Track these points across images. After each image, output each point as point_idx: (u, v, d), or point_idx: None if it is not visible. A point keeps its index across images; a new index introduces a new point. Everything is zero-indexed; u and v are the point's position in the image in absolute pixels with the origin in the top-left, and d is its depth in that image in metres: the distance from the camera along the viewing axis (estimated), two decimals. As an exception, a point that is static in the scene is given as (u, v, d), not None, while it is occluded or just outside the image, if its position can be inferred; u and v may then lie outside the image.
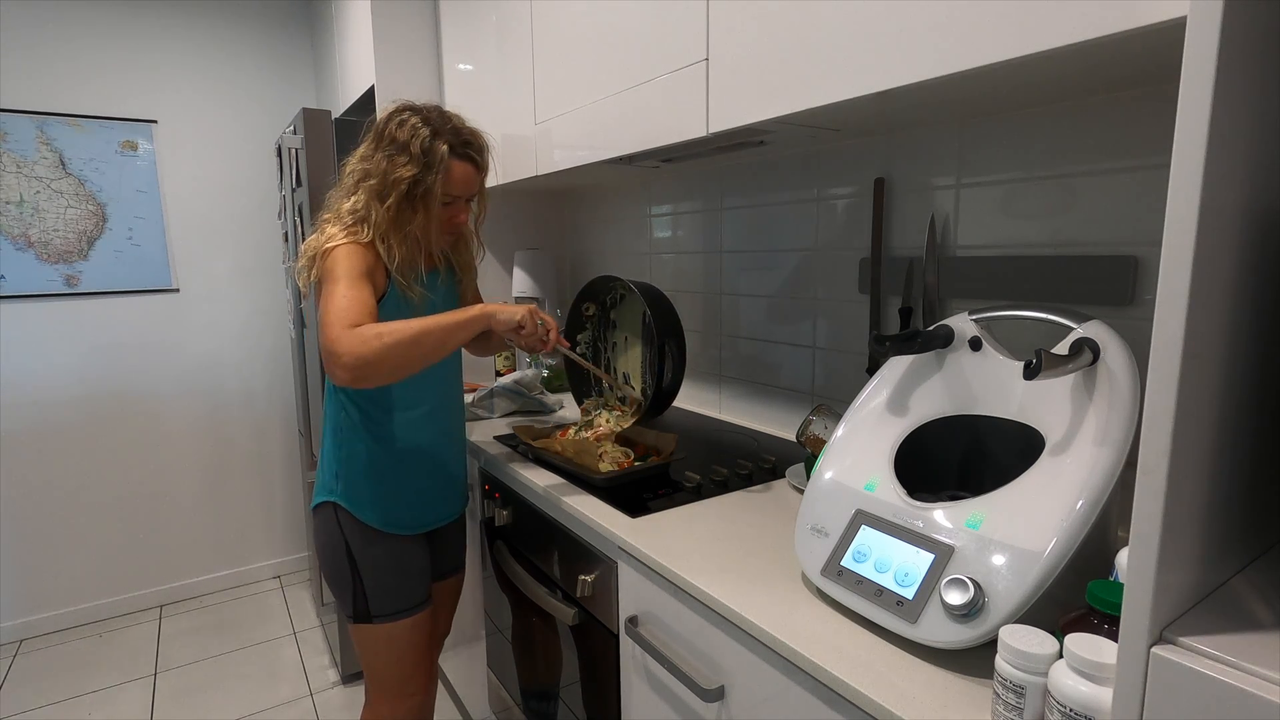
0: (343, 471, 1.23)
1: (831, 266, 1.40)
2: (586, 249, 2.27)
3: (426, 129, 1.15)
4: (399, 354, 1.04)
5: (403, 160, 1.14)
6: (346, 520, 1.22)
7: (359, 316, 1.07)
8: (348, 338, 1.03)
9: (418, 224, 1.17)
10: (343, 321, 1.06)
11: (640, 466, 1.26)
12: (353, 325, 1.06)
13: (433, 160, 1.14)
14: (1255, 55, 0.41)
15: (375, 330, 1.04)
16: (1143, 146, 0.91)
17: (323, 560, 1.27)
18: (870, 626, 0.75)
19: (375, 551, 1.23)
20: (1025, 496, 0.70)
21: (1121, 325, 0.84)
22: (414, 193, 1.14)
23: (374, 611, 1.24)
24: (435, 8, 2.04)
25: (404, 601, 1.26)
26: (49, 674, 2.25)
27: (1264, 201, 0.45)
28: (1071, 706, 0.51)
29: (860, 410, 0.91)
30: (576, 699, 1.24)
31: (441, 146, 1.14)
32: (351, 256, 1.13)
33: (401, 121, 1.16)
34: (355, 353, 1.02)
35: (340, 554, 1.23)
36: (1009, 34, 0.70)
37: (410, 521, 1.27)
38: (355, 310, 1.08)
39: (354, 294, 1.09)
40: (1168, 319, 0.40)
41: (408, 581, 1.27)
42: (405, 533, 1.26)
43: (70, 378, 2.43)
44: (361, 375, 1.03)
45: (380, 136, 1.17)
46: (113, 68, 2.39)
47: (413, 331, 1.06)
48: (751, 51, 1.01)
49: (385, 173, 1.14)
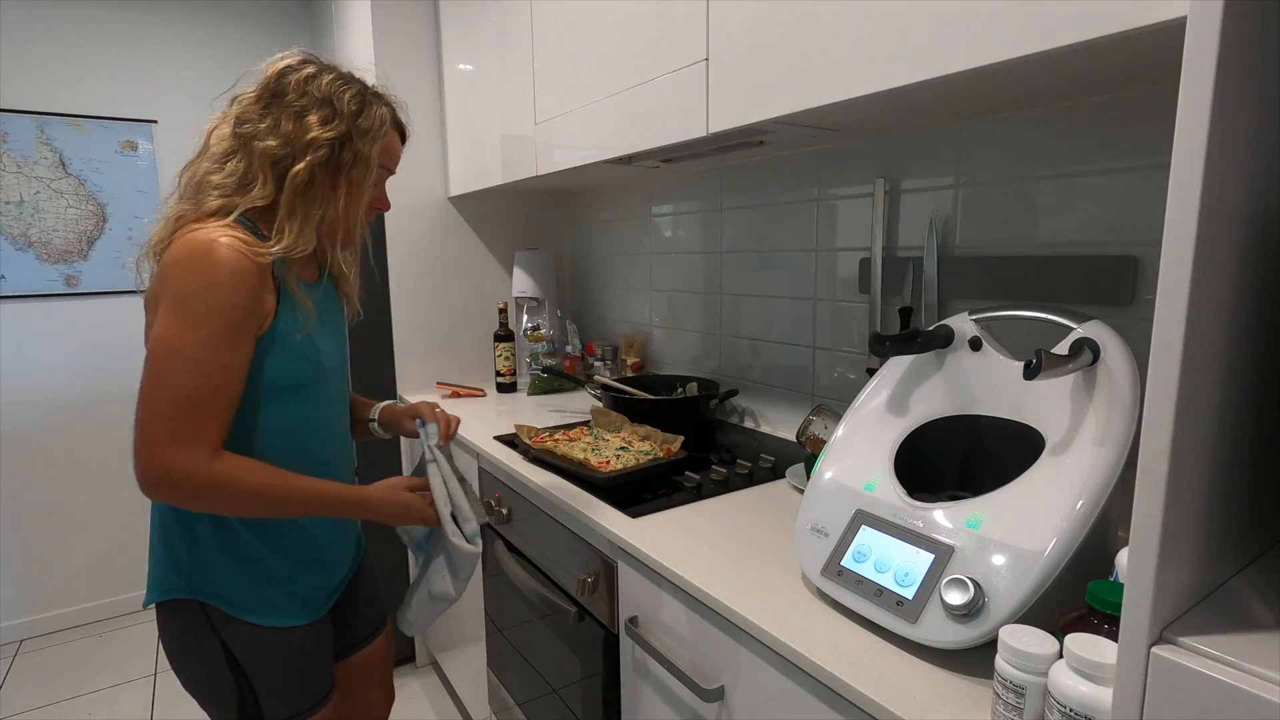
0: (197, 557, 0.91)
1: (831, 266, 1.40)
2: (586, 249, 2.27)
3: (352, 87, 0.93)
4: (246, 508, 0.87)
5: (321, 117, 0.88)
6: (216, 613, 0.92)
7: (218, 429, 0.82)
8: (201, 471, 0.80)
9: (338, 204, 0.91)
10: (200, 430, 0.80)
11: (648, 464, 1.26)
12: (213, 448, 0.81)
13: (370, 124, 0.92)
14: (1255, 55, 0.41)
15: (241, 484, 0.83)
16: (1143, 146, 0.91)
17: (183, 667, 0.95)
18: (870, 626, 0.75)
19: (265, 651, 0.94)
20: (1025, 496, 0.70)
21: (1121, 325, 0.84)
22: (339, 160, 0.90)
23: (270, 718, 0.96)
24: (435, 8, 2.04)
25: (307, 698, 0.99)
26: (49, 674, 2.25)
27: (1264, 201, 0.45)
28: (1071, 706, 0.51)
29: (860, 410, 0.91)
30: (576, 699, 1.24)
31: (381, 111, 0.94)
32: (237, 273, 0.81)
33: (310, 77, 0.90)
34: (197, 495, 0.82)
35: (213, 655, 0.92)
36: (1009, 34, 0.70)
37: (308, 602, 0.99)
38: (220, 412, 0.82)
39: (218, 375, 0.81)
40: (1168, 319, 0.40)
41: (310, 673, 1.00)
42: (301, 621, 0.98)
43: (70, 378, 2.43)
44: (175, 504, 0.85)
45: (275, 95, 0.90)
46: (113, 68, 2.39)
47: (283, 500, 0.87)
48: (751, 51, 1.01)
49: (290, 135, 0.87)
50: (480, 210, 2.19)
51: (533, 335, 2.09)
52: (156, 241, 0.88)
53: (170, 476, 0.81)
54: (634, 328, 2.07)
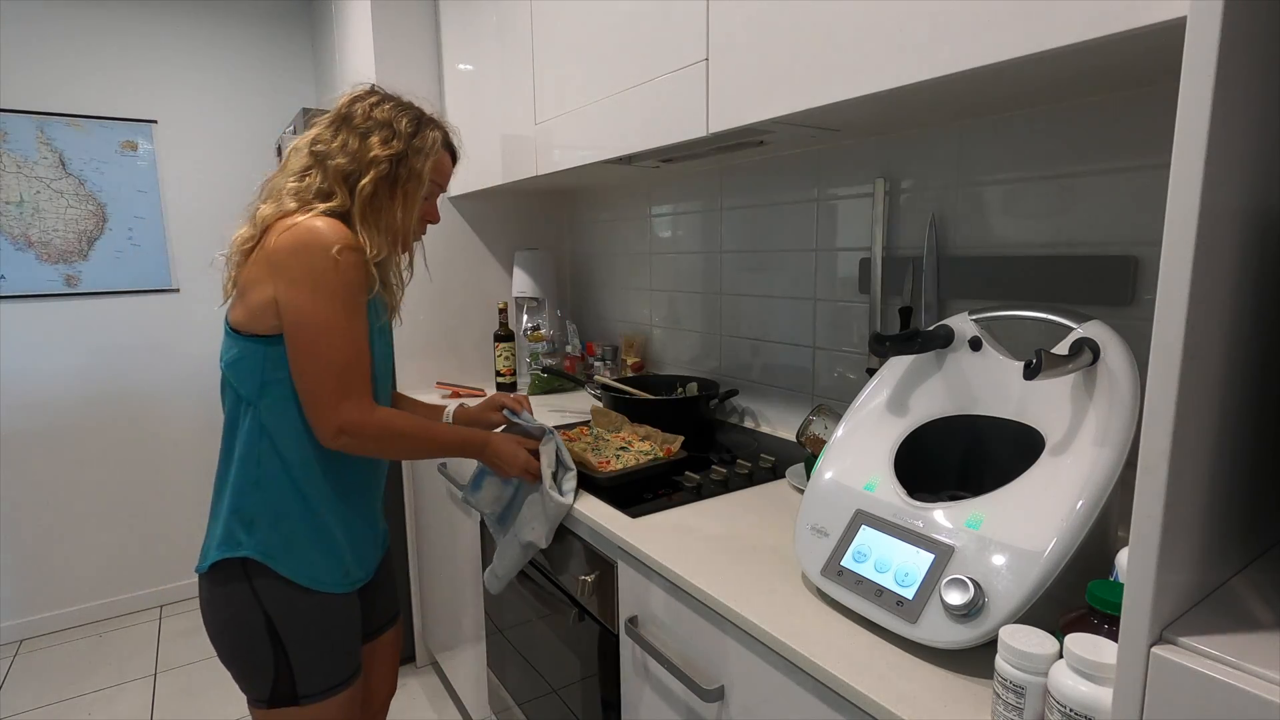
0: (260, 518, 1.00)
1: (831, 266, 1.40)
2: (586, 249, 2.27)
3: (409, 113, 1.06)
4: (400, 452, 1.06)
5: (383, 137, 1.01)
6: (263, 581, 0.99)
7: (368, 384, 0.99)
8: (370, 420, 0.98)
9: (395, 215, 1.03)
10: (357, 388, 0.97)
11: (648, 464, 1.26)
12: (369, 399, 0.98)
13: (423, 144, 1.05)
14: (1255, 55, 0.41)
15: (401, 428, 1.02)
16: (1143, 146, 0.91)
17: (224, 638, 1.03)
18: (870, 626, 0.75)
19: (304, 617, 1.02)
20: (1025, 496, 0.70)
21: (1121, 325, 0.84)
22: (396, 175, 1.02)
23: (302, 691, 1.03)
24: (435, 8, 2.04)
25: (337, 674, 1.06)
26: (49, 674, 2.25)
27: (1264, 201, 0.45)
28: (1071, 706, 0.51)
29: (860, 410, 0.91)
30: (576, 699, 1.24)
31: (434, 133, 1.07)
32: (352, 251, 0.95)
33: (375, 104, 1.04)
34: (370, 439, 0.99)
35: (256, 626, 1.00)
36: (1009, 34, 0.70)
37: (349, 573, 1.08)
38: (365, 369, 0.98)
39: (358, 336, 0.97)
40: (1168, 319, 0.40)
41: (341, 648, 1.07)
42: (341, 589, 1.06)
43: (70, 378, 2.43)
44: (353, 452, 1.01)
45: (344, 119, 1.04)
46: (113, 68, 2.39)
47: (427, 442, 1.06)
48: (751, 51, 1.01)
49: (357, 153, 1.01)
50: (480, 210, 2.19)
51: (533, 335, 2.09)
52: (244, 240, 1.01)
53: (346, 428, 0.96)
54: (634, 328, 2.07)
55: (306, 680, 1.03)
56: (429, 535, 2.00)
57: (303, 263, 0.93)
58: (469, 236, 2.18)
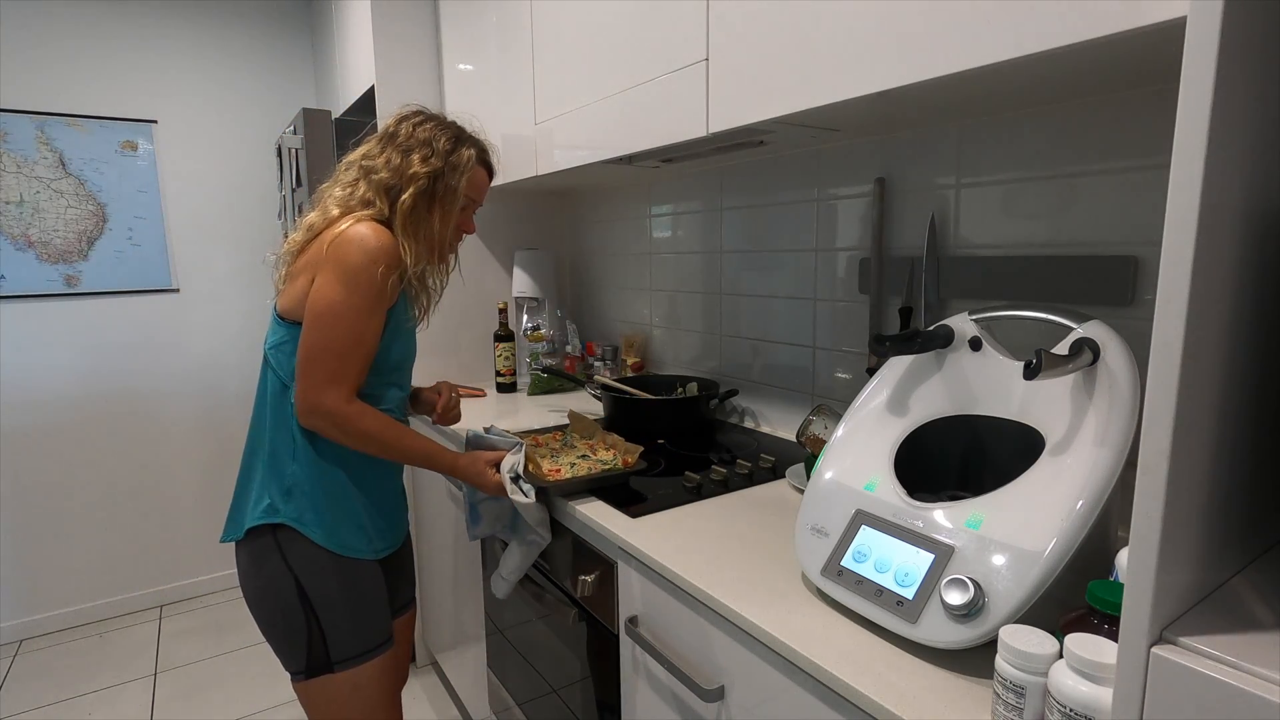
0: (296, 487, 1.07)
1: (831, 266, 1.40)
2: (586, 249, 2.27)
3: (448, 131, 1.13)
4: (366, 448, 1.07)
5: (423, 155, 1.09)
6: (294, 548, 1.06)
7: (357, 377, 1.04)
8: (344, 411, 1.02)
9: (434, 226, 1.11)
10: (345, 377, 1.02)
11: (599, 474, 1.19)
12: (351, 393, 1.03)
13: (459, 162, 1.12)
14: (1255, 55, 0.41)
15: (368, 428, 1.04)
16: (1143, 146, 0.91)
17: (261, 606, 1.09)
18: (870, 626, 0.75)
19: (332, 582, 1.07)
20: (1025, 496, 0.70)
21: (1121, 325, 0.84)
22: (434, 190, 1.10)
23: (335, 657, 1.07)
24: (435, 8, 2.04)
25: (369, 639, 1.11)
26: (49, 674, 2.25)
27: (1264, 201, 0.45)
28: (1071, 706, 0.51)
29: (860, 410, 0.91)
30: (576, 699, 1.24)
31: (469, 151, 1.13)
32: (387, 253, 1.03)
33: (418, 123, 1.12)
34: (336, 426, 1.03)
35: (288, 592, 1.06)
36: (1009, 34, 0.70)
37: (373, 541, 1.14)
38: (359, 362, 1.04)
39: (366, 333, 1.04)
40: (1168, 319, 0.40)
41: (371, 614, 1.12)
42: (368, 556, 1.13)
43: (70, 377, 2.43)
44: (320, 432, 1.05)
45: (390, 137, 1.12)
46: (113, 68, 2.39)
47: (395, 448, 1.08)
48: (751, 51, 1.01)
49: (399, 168, 1.09)
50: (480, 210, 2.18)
51: (533, 335, 2.09)
52: (295, 244, 1.09)
53: (320, 410, 1.02)
54: (634, 327, 2.07)
55: (339, 646, 1.08)
56: (429, 535, 2.00)
57: (342, 256, 1.01)
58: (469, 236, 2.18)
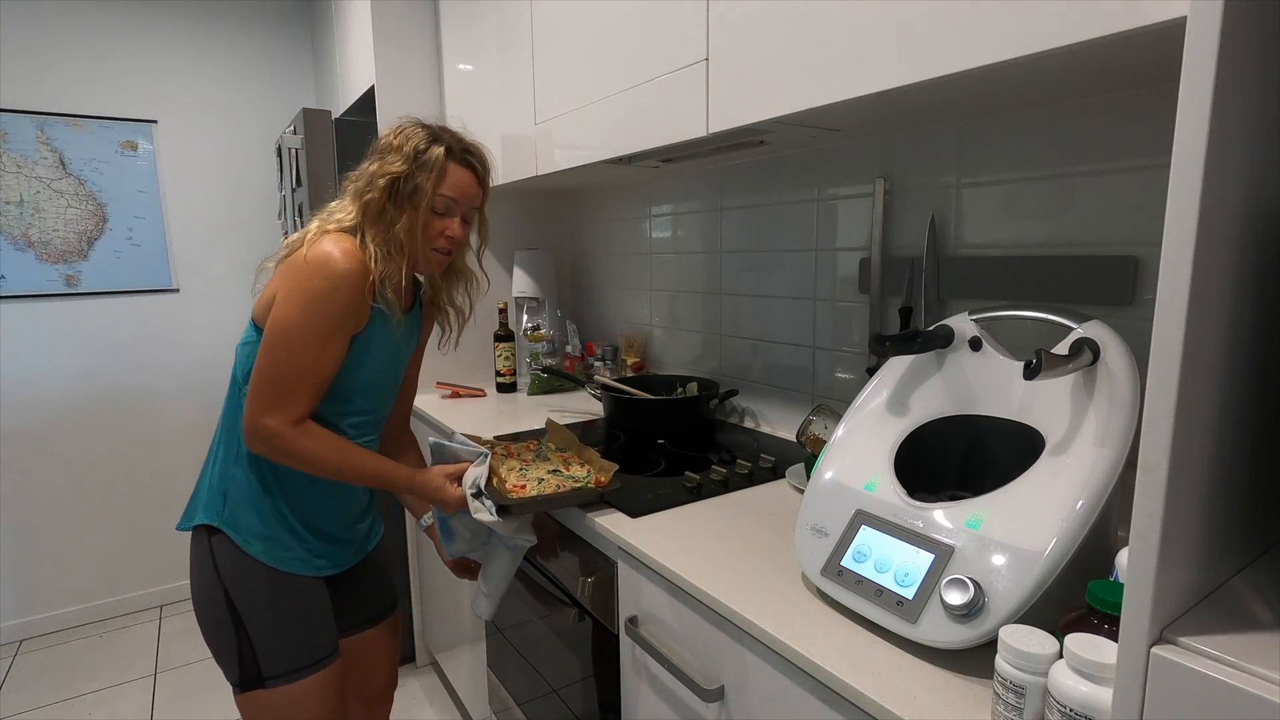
0: (233, 491, 1.06)
1: (831, 266, 1.40)
2: (586, 249, 2.27)
3: (426, 134, 1.09)
4: (315, 471, 1.04)
5: (392, 159, 1.07)
6: (226, 556, 1.04)
7: (307, 403, 1.01)
8: (286, 434, 0.99)
9: (402, 226, 1.06)
10: (291, 402, 0.99)
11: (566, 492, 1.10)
12: (298, 418, 1.00)
13: (426, 160, 1.06)
14: (1255, 55, 0.41)
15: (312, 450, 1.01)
16: (1143, 146, 0.91)
17: (198, 610, 1.07)
18: (870, 626, 0.75)
19: (262, 595, 1.05)
20: (1025, 496, 0.70)
21: (1121, 325, 0.84)
22: (400, 189, 1.06)
23: (266, 672, 1.04)
24: (435, 8, 2.04)
25: (302, 656, 1.06)
26: (49, 674, 2.25)
27: (1264, 201, 0.45)
28: (1071, 706, 0.51)
29: (860, 410, 0.91)
30: (577, 699, 1.24)
31: (438, 149, 1.08)
32: (350, 279, 1.00)
33: (400, 130, 1.10)
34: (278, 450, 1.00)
35: (217, 597, 1.04)
36: (1009, 34, 0.70)
37: (315, 560, 1.11)
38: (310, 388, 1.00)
39: (320, 359, 1.00)
40: (1168, 319, 0.40)
41: (306, 630, 1.07)
42: (303, 572, 1.09)
43: (70, 377, 2.43)
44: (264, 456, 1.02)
45: (379, 149, 1.11)
46: (113, 68, 2.39)
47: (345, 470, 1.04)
48: (751, 51, 1.01)
49: (371, 174, 1.07)
50: (480, 210, 2.19)
51: (533, 335, 2.09)
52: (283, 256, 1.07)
53: (260, 433, 0.99)
54: (634, 328, 2.07)
55: (270, 660, 1.05)
56: (429, 535, 2.00)
57: (304, 277, 0.99)
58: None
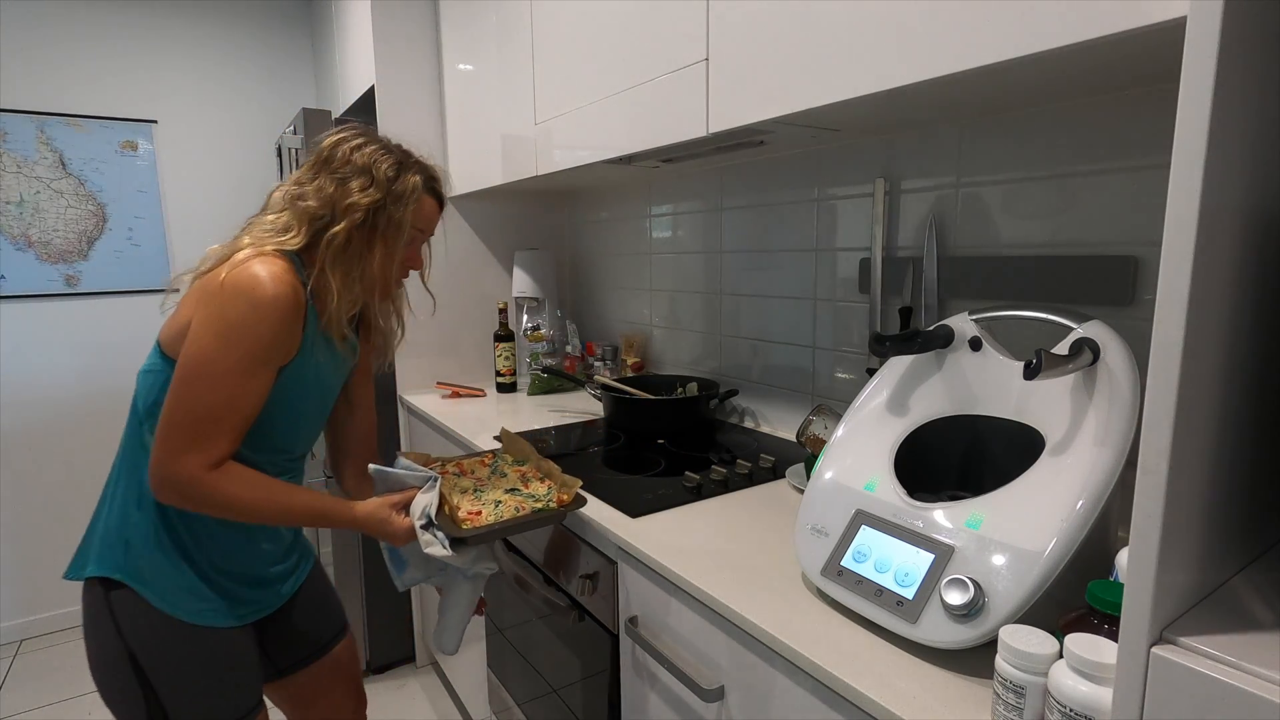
0: (135, 541, 0.95)
1: (831, 266, 1.40)
2: (586, 249, 2.27)
3: (391, 157, 1.00)
4: (238, 518, 0.92)
5: (360, 184, 0.96)
6: (129, 613, 0.93)
7: (226, 445, 0.88)
8: (202, 479, 0.86)
9: (373, 263, 0.98)
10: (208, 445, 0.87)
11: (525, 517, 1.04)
12: (216, 460, 0.87)
13: (403, 190, 0.99)
14: (1255, 55, 0.41)
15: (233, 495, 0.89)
16: (1143, 146, 0.91)
17: (95, 674, 0.96)
18: (870, 626, 0.75)
19: (175, 652, 0.94)
20: (1025, 496, 0.70)
21: (1121, 325, 0.84)
22: (374, 223, 0.97)
23: None
24: (435, 8, 2.04)
25: (226, 710, 0.98)
26: (49, 674, 2.25)
27: (1264, 201, 0.45)
28: (1071, 706, 0.51)
29: (860, 410, 0.91)
30: (577, 699, 1.24)
31: (413, 177, 1.01)
32: (278, 308, 0.88)
33: (356, 147, 0.99)
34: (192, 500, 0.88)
35: (122, 666, 0.93)
36: (1009, 34, 0.70)
37: (237, 609, 1.00)
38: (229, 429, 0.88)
39: (242, 396, 0.88)
40: (1168, 319, 0.40)
41: (226, 685, 0.99)
42: (224, 624, 0.98)
43: (70, 377, 2.43)
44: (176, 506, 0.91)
45: (325, 162, 0.99)
46: (113, 68, 2.39)
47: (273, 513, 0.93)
48: (751, 51, 1.01)
49: (331, 198, 0.96)
50: (480, 210, 2.19)
51: (533, 335, 2.09)
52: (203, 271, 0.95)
53: (170, 480, 0.88)
54: (634, 328, 2.07)
55: (182, 716, 0.95)
56: (429, 535, 2.00)
57: (222, 304, 0.88)
58: (469, 236, 2.18)
